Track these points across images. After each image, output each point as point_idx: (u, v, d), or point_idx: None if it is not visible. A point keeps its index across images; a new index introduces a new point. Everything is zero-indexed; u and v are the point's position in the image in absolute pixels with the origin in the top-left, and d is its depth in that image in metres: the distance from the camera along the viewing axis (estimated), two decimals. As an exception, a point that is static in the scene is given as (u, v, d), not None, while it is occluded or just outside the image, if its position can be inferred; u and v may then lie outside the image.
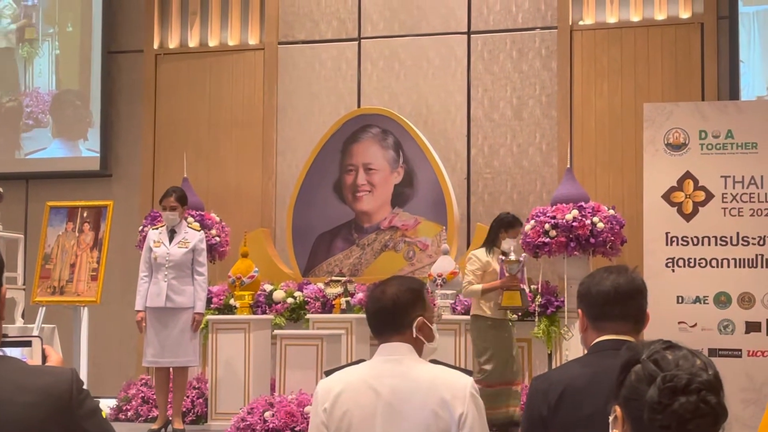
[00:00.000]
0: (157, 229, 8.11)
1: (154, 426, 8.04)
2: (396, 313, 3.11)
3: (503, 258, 7.52)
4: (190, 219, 8.23)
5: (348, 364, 3.39)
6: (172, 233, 7.98)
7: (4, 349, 2.15)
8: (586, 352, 2.99)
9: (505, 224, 7.72)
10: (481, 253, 7.71)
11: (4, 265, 2.07)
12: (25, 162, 11.24)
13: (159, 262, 7.93)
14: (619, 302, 2.88)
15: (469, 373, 3.20)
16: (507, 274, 7.47)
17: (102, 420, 2.03)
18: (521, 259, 7.54)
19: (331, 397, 3.08)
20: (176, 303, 7.86)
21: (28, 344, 2.29)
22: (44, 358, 2.26)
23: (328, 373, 3.30)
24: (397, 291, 3.12)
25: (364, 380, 3.08)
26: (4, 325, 2.13)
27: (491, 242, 7.72)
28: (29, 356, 2.26)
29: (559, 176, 9.55)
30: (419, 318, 3.13)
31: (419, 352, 3.14)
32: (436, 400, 2.98)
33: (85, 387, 2.02)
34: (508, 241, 7.61)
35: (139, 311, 7.99)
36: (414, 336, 3.13)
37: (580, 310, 2.99)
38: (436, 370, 3.09)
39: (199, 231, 8.11)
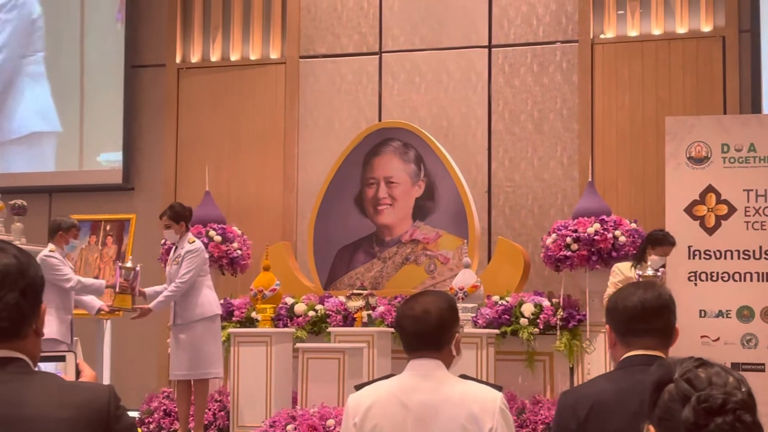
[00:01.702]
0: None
1: None
2: (440, 332, 3.12)
3: (639, 273, 7.47)
4: (191, 236, 8.20)
5: (378, 379, 3.40)
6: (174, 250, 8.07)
7: (39, 364, 2.18)
8: (614, 367, 3.00)
9: (652, 240, 7.65)
10: (624, 266, 7.71)
11: (45, 284, 2.11)
12: (48, 175, 11.31)
13: (167, 280, 8.05)
14: (646, 318, 2.89)
15: (498, 388, 3.21)
16: None
17: None
18: (658, 273, 7.45)
19: (361, 411, 3.10)
20: (183, 318, 7.93)
21: (62, 359, 2.32)
22: (78, 373, 2.29)
23: (358, 388, 3.32)
24: (441, 310, 3.12)
25: (394, 395, 3.09)
26: None
27: (639, 257, 7.67)
28: (63, 371, 2.29)
29: (580, 189, 9.55)
30: (457, 335, 3.15)
31: (448, 366, 3.16)
32: (465, 414, 2.99)
33: (121, 403, 2.05)
34: (654, 258, 7.54)
35: None
36: (453, 353, 3.15)
37: (608, 326, 3.00)
38: (465, 386, 3.11)
39: (192, 243, 8.09)
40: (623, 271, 7.65)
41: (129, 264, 8.05)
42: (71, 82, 11.32)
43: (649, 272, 7.40)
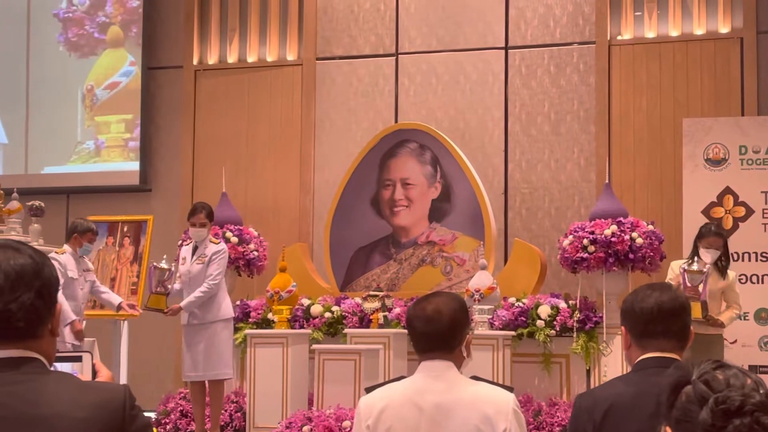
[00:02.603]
0: (188, 245, 8.18)
1: None
2: (452, 333, 3.11)
3: (685, 268, 7.34)
4: (210, 237, 8.27)
5: (388, 381, 3.39)
6: (195, 249, 8.05)
7: (55, 364, 2.19)
8: (629, 369, 2.99)
9: (698, 235, 7.53)
10: (676, 264, 7.60)
11: (59, 283, 2.11)
12: (66, 177, 11.37)
13: (183, 280, 8.04)
14: (662, 320, 2.88)
15: (510, 389, 3.20)
16: (688, 285, 7.27)
17: None
18: (704, 269, 7.31)
19: (374, 414, 3.09)
20: (201, 318, 7.94)
21: (78, 359, 2.33)
22: (94, 373, 2.30)
23: (368, 390, 3.31)
24: (453, 311, 3.12)
25: (407, 397, 3.09)
26: None
27: (692, 254, 7.56)
28: (80, 371, 2.30)
29: (597, 191, 9.52)
30: (468, 336, 3.15)
31: (459, 367, 3.15)
32: (480, 416, 2.99)
33: (137, 403, 2.06)
34: (703, 252, 7.43)
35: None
36: (464, 354, 3.14)
37: (623, 328, 2.99)
38: (478, 387, 3.10)
39: (218, 244, 8.14)
40: (673, 268, 7.57)
41: (164, 264, 8.04)
42: (17, 97, 11.55)
43: (695, 267, 7.32)
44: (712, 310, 7.33)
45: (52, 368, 2.11)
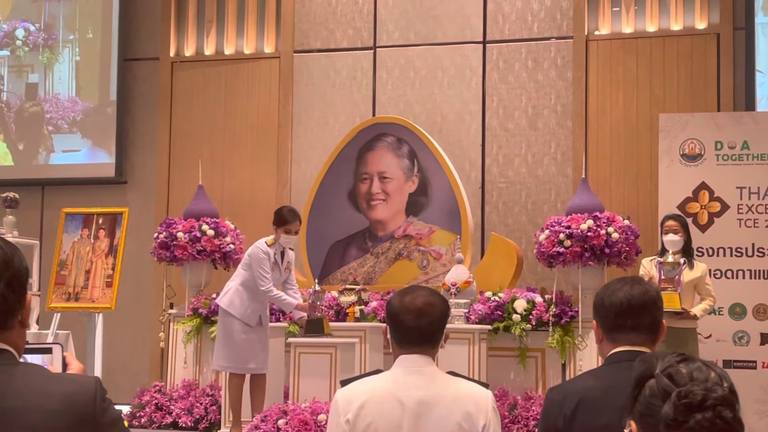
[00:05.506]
0: (270, 246, 7.93)
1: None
2: (441, 327, 3.13)
3: (661, 260, 7.42)
4: None
5: (364, 374, 3.37)
6: (281, 255, 7.96)
7: (25, 356, 2.17)
8: (602, 362, 3.00)
9: (660, 225, 7.70)
10: (647, 260, 7.70)
11: (29, 274, 2.10)
12: (41, 168, 11.30)
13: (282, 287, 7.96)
14: (631, 314, 2.89)
15: (485, 386, 3.21)
16: (664, 277, 7.34)
17: (124, 428, 2.06)
18: (680, 262, 7.39)
19: (354, 408, 3.05)
20: (269, 319, 8.04)
21: (48, 351, 2.32)
22: (65, 366, 2.29)
23: (344, 383, 3.27)
24: (443, 304, 3.13)
25: (388, 392, 3.06)
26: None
27: (662, 247, 7.66)
28: (50, 363, 2.29)
29: (573, 186, 9.55)
30: (446, 331, 3.18)
31: (435, 362, 3.16)
32: (462, 412, 2.99)
33: (107, 396, 2.05)
34: (667, 241, 7.53)
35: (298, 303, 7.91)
36: (441, 348, 3.16)
37: (594, 322, 3.00)
38: (458, 383, 3.10)
39: (293, 250, 8.16)
40: (644, 264, 7.66)
41: (317, 287, 7.97)
42: None
43: (670, 259, 7.36)
44: (684, 303, 7.40)
45: (21, 360, 2.10)
